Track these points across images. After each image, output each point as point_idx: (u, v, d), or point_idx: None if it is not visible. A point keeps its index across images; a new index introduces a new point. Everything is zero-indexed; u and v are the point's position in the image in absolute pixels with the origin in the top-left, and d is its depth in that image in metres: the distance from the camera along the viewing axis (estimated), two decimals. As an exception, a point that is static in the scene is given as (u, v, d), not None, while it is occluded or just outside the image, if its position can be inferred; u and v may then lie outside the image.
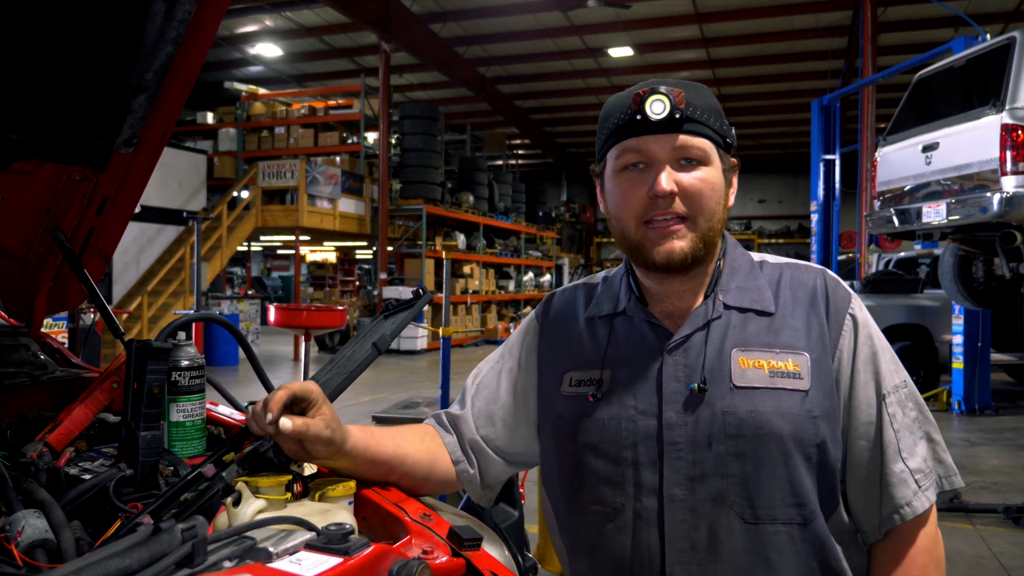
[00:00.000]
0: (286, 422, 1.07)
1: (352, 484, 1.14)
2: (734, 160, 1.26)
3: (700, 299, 1.26)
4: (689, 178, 1.18)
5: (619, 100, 1.23)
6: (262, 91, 19.49)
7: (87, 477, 1.27)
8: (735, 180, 1.28)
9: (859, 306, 1.26)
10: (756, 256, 1.34)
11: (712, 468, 1.16)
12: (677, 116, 1.16)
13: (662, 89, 1.17)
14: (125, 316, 12.30)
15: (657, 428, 1.19)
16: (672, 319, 1.26)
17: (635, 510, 1.20)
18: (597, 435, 1.23)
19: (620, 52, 18.79)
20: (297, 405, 1.13)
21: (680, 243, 1.18)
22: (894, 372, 1.24)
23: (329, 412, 1.15)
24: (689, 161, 1.19)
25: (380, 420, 3.88)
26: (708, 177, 1.19)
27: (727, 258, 1.29)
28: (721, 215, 1.22)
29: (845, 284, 1.28)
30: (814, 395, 1.18)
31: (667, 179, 1.17)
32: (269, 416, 1.08)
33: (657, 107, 1.16)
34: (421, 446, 1.32)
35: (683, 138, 1.18)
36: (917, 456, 1.21)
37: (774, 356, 1.19)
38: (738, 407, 1.17)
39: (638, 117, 1.17)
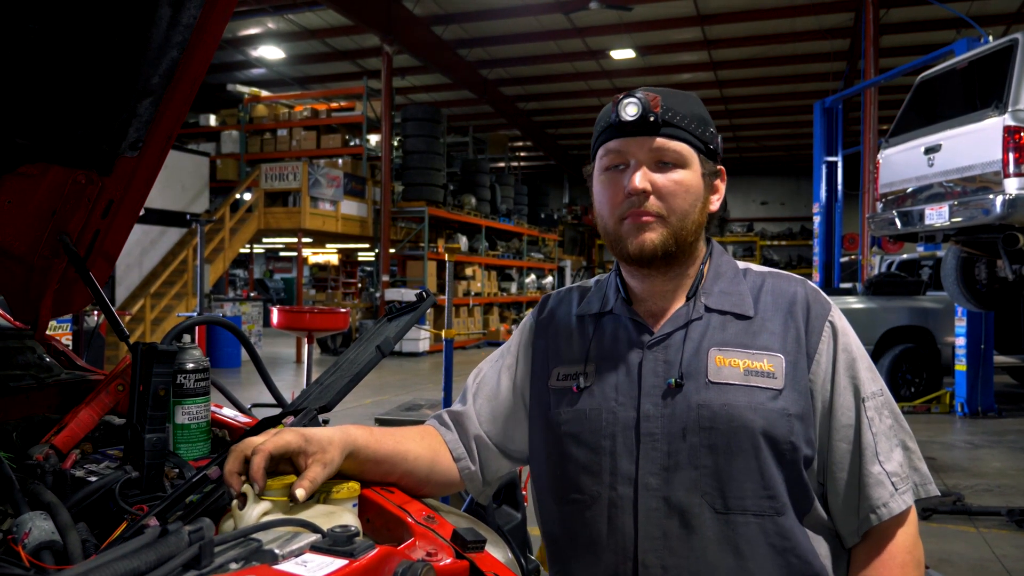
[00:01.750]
0: (300, 492, 1.03)
1: (356, 486, 1.14)
2: (720, 167, 1.32)
3: (683, 301, 1.32)
4: (663, 179, 1.24)
5: (607, 107, 1.30)
6: (265, 93, 19.52)
7: (93, 479, 1.28)
8: (720, 185, 1.33)
9: (838, 315, 1.31)
10: (741, 264, 1.39)
11: (686, 459, 1.21)
12: (651, 119, 1.22)
13: (637, 94, 1.24)
14: (128, 318, 12.31)
15: (635, 419, 1.25)
16: (655, 318, 1.32)
17: (610, 498, 1.25)
18: (578, 424, 1.29)
19: (622, 54, 18.80)
20: (282, 461, 1.10)
21: (652, 235, 1.24)
22: (871, 379, 1.28)
23: (317, 448, 1.11)
24: (666, 164, 1.25)
25: (383, 422, 3.89)
26: (683, 179, 1.25)
27: (712, 263, 1.35)
28: (696, 217, 1.27)
29: (826, 296, 1.33)
30: (788, 395, 1.22)
31: (641, 178, 1.23)
32: (257, 487, 1.03)
33: (630, 110, 1.23)
34: (422, 443, 1.34)
35: (660, 141, 1.24)
36: (893, 461, 1.25)
37: (750, 356, 1.25)
38: (712, 401, 1.22)
39: (614, 119, 1.25)
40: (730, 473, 1.19)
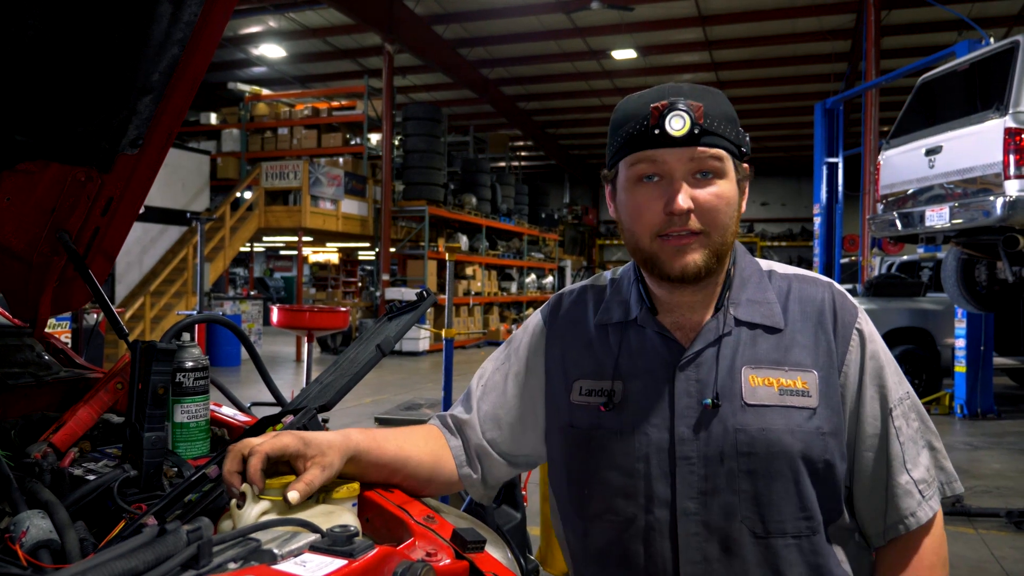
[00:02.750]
0: (294, 495, 1.02)
1: (356, 486, 1.14)
2: (747, 167, 1.25)
3: (711, 311, 1.26)
4: (705, 194, 1.17)
5: (635, 107, 1.20)
6: (266, 92, 19.52)
7: (91, 478, 1.28)
8: (747, 188, 1.27)
9: (865, 320, 1.27)
10: (764, 264, 1.33)
11: (724, 484, 1.18)
12: (696, 132, 1.15)
13: (681, 105, 1.14)
14: (127, 316, 12.31)
15: (669, 442, 1.21)
16: (683, 331, 1.26)
17: (647, 521, 1.21)
18: (609, 446, 1.24)
19: (623, 54, 18.79)
20: (281, 464, 1.09)
21: (694, 256, 1.18)
22: (898, 385, 1.25)
23: (316, 451, 1.10)
24: (705, 175, 1.18)
25: (382, 422, 3.88)
26: (723, 192, 1.18)
27: (737, 267, 1.29)
28: (734, 228, 1.21)
29: (852, 298, 1.29)
30: (822, 412, 1.19)
31: (684, 198, 1.15)
32: (256, 489, 1.03)
33: (676, 123, 1.14)
34: (424, 448, 1.31)
35: (700, 150, 1.16)
36: (920, 466, 1.24)
37: (783, 374, 1.21)
38: (750, 425, 1.18)
39: (656, 132, 1.15)
40: (769, 498, 1.17)
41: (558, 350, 1.36)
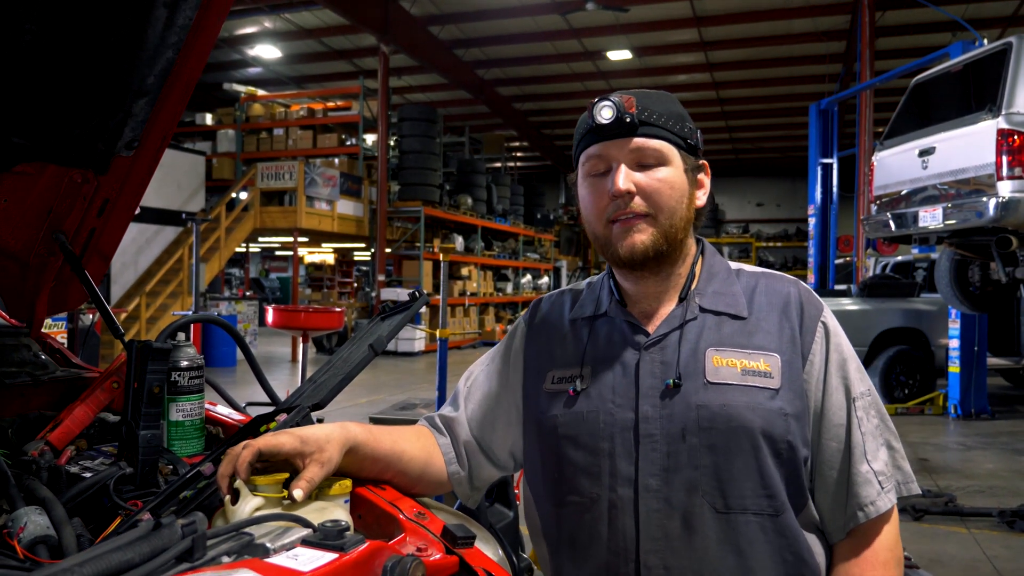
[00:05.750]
0: (299, 492, 1.05)
1: (348, 483, 1.16)
2: (702, 162, 1.33)
3: (676, 302, 1.32)
4: (647, 178, 1.25)
5: (585, 113, 1.30)
6: (261, 92, 19.48)
7: (88, 475, 1.29)
8: (704, 180, 1.34)
9: (830, 316, 1.32)
10: (734, 265, 1.40)
11: (686, 459, 1.22)
12: (627, 120, 1.23)
13: (612, 97, 1.24)
14: (123, 316, 12.30)
15: (634, 420, 1.25)
16: (650, 320, 1.33)
17: (610, 500, 1.25)
18: (576, 427, 1.29)
19: (618, 55, 18.82)
20: (280, 463, 1.12)
21: (641, 236, 1.25)
22: (860, 379, 1.30)
23: (314, 448, 1.13)
24: (648, 164, 1.26)
25: (377, 421, 3.90)
26: (667, 177, 1.26)
27: (704, 264, 1.36)
28: (684, 213, 1.28)
29: (817, 296, 1.35)
30: (784, 394, 1.24)
31: (624, 179, 1.24)
32: (241, 479, 1.06)
33: (605, 113, 1.23)
34: (417, 444, 1.35)
35: (638, 141, 1.25)
36: (880, 460, 1.27)
37: (746, 356, 1.25)
38: (711, 401, 1.22)
39: (591, 124, 1.26)
40: (730, 473, 1.20)
41: (535, 347, 1.43)
